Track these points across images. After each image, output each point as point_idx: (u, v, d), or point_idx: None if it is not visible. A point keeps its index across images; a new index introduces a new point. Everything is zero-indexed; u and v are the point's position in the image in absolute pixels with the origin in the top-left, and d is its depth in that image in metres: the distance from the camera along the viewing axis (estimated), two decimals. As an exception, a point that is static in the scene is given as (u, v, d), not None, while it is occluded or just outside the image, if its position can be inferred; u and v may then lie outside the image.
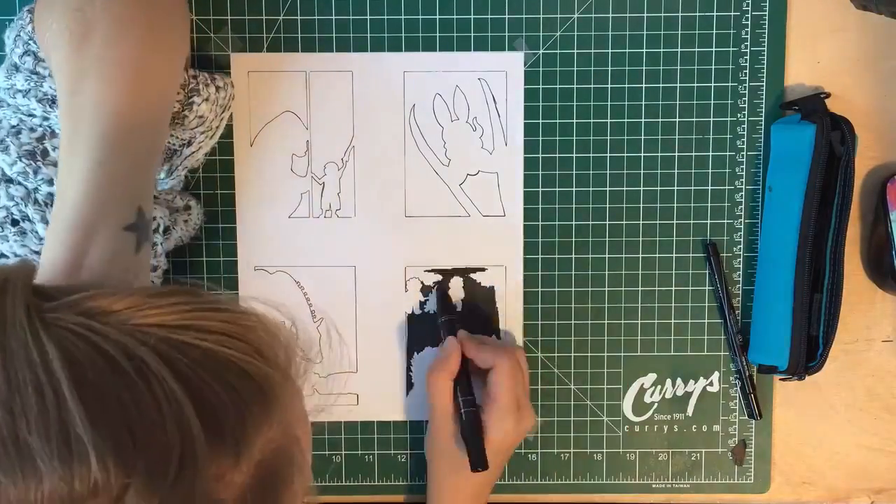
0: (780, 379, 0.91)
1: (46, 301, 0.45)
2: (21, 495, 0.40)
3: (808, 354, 0.88)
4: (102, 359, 0.43)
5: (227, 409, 0.45)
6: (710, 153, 0.90)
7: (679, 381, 0.93)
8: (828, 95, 0.88)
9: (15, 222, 0.75)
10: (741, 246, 0.91)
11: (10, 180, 0.75)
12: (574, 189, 0.91)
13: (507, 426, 0.85)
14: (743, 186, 0.91)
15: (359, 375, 0.92)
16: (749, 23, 0.89)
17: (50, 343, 0.42)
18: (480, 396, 0.87)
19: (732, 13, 0.89)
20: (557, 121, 0.90)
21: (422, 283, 0.91)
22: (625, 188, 0.91)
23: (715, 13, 0.89)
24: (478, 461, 0.84)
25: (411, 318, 0.92)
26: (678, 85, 0.90)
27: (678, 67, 0.89)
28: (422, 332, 0.92)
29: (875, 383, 0.93)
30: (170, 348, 0.45)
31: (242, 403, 0.46)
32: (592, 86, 0.89)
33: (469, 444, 0.85)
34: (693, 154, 0.90)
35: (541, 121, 0.90)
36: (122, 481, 0.41)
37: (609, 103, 0.90)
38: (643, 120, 0.90)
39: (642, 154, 0.90)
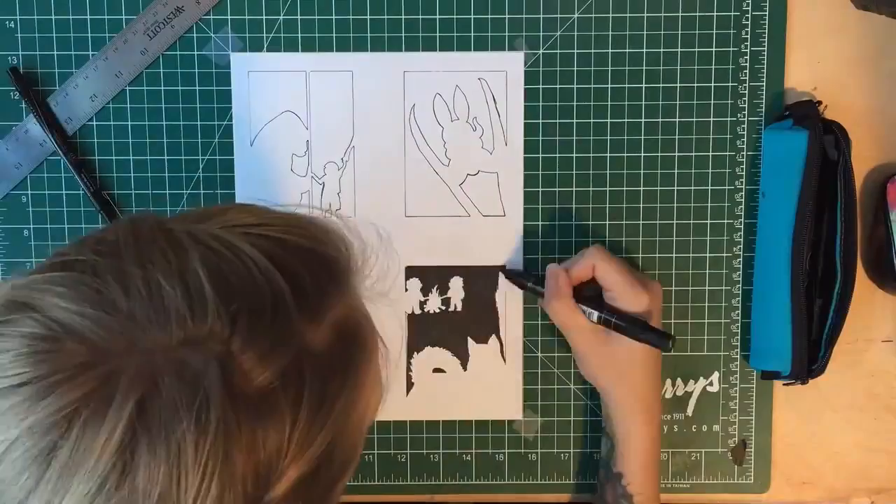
0: (784, 384, 0.91)
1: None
2: (155, 342, 0.49)
3: (810, 357, 0.88)
4: (217, 243, 0.54)
5: (305, 277, 0.54)
6: (710, 153, 0.90)
7: (679, 381, 0.93)
8: (820, 103, 0.88)
9: None
10: (741, 246, 0.91)
11: None
12: (574, 189, 0.90)
13: (643, 301, 0.85)
14: (743, 186, 0.90)
15: (359, 375, 0.92)
16: (749, 23, 0.89)
17: (185, 239, 0.54)
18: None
19: (732, 13, 0.89)
20: (557, 121, 0.90)
21: (422, 282, 0.91)
22: (625, 188, 0.91)
23: (715, 13, 0.89)
24: (664, 338, 0.84)
25: (411, 318, 0.92)
26: (678, 85, 0.89)
27: (678, 67, 0.89)
28: (422, 331, 0.92)
29: (875, 383, 0.93)
30: (254, 237, 0.55)
31: (315, 274, 0.56)
32: (592, 86, 0.89)
33: (643, 334, 0.84)
34: (693, 154, 0.90)
35: (541, 121, 0.90)
36: (229, 328, 0.50)
37: (609, 103, 0.90)
38: (643, 120, 0.90)
39: (642, 154, 0.90)
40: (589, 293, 0.87)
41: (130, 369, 0.48)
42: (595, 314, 0.85)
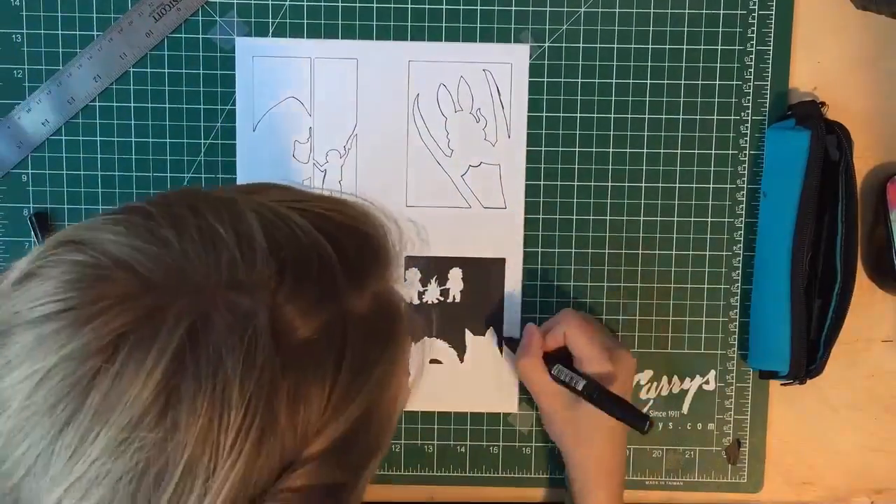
0: (781, 384, 0.91)
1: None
2: (206, 279, 0.49)
3: (808, 357, 0.88)
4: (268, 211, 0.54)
5: (349, 248, 0.55)
6: (713, 151, 0.90)
7: (675, 378, 0.93)
8: (823, 104, 0.88)
9: None
10: (741, 245, 0.91)
11: None
12: (576, 183, 0.90)
13: (607, 371, 0.84)
14: (745, 185, 0.91)
15: (355, 364, 0.92)
16: (755, 22, 0.89)
17: (239, 201, 0.54)
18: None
19: (739, 11, 0.89)
20: (561, 114, 0.90)
21: (421, 273, 0.91)
22: (626, 184, 0.91)
23: (721, 11, 0.89)
24: (640, 418, 0.82)
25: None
26: (683, 82, 0.90)
27: (683, 64, 0.89)
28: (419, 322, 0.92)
29: (875, 383, 0.93)
30: (300, 211, 0.55)
31: (358, 248, 0.56)
32: (597, 80, 0.90)
33: (618, 412, 0.82)
34: (695, 151, 0.90)
35: (544, 114, 0.90)
36: (277, 278, 0.50)
37: (613, 98, 0.90)
38: (647, 116, 0.90)
39: (645, 150, 0.90)
40: (562, 356, 0.87)
41: (180, 302, 0.48)
42: (580, 382, 0.84)
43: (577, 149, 0.90)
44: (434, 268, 0.91)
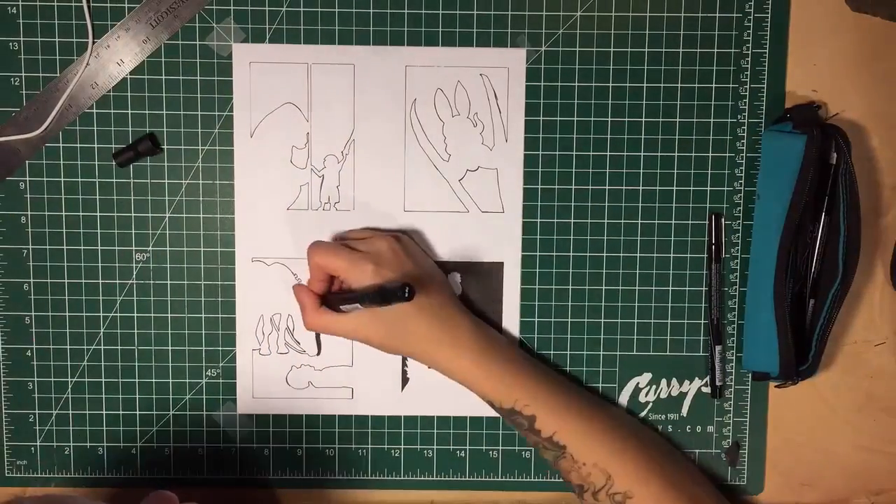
0: (775, 386, 0.91)
1: None
2: None
3: (799, 357, 0.88)
4: None
5: None
6: (710, 154, 0.90)
7: (674, 381, 0.93)
8: (819, 107, 0.89)
9: None
10: (738, 248, 0.91)
11: None
12: (573, 187, 0.91)
13: (366, 270, 0.82)
14: (742, 188, 0.91)
15: (354, 369, 0.92)
16: (751, 25, 0.89)
17: None
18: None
19: (735, 15, 0.89)
20: (558, 118, 0.90)
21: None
22: (624, 187, 0.91)
23: (717, 14, 0.89)
24: (400, 290, 0.74)
25: (408, 312, 0.92)
26: (679, 85, 0.90)
27: (680, 67, 0.89)
28: (418, 327, 0.92)
29: (873, 385, 0.93)
30: None
31: None
32: (594, 84, 0.90)
33: (376, 301, 0.78)
34: (692, 155, 0.90)
35: (541, 118, 0.90)
36: None
37: (610, 102, 0.90)
38: (643, 119, 0.90)
39: (642, 154, 0.90)
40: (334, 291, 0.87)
41: None
42: (347, 307, 0.82)
43: (574, 152, 0.90)
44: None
